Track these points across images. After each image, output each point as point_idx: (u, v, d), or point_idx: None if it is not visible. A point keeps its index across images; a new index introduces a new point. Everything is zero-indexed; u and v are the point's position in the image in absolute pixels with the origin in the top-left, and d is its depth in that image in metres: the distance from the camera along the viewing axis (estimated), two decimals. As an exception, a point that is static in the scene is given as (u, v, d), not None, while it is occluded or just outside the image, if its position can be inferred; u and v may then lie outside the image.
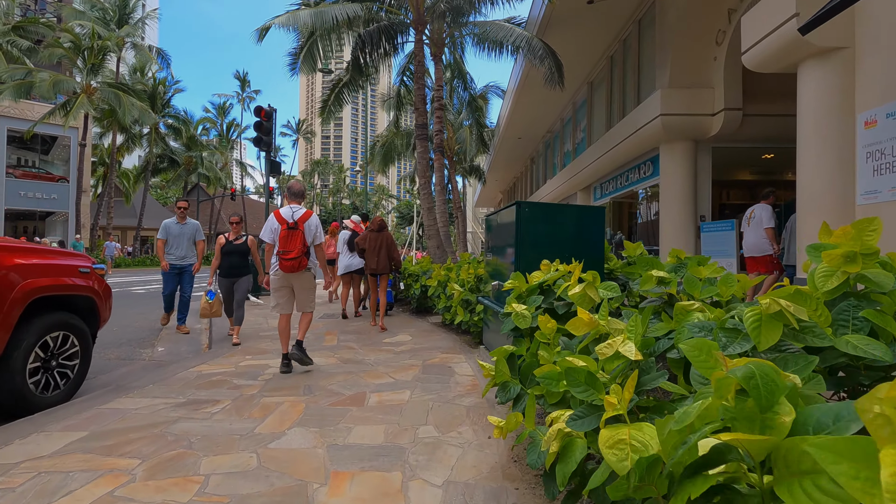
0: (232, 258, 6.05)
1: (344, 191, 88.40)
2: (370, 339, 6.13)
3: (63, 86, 24.16)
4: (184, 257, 6.73)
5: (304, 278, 4.49)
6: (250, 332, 6.50)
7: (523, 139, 21.60)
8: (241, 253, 6.08)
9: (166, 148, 33.03)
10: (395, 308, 9.05)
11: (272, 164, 11.37)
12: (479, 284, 5.69)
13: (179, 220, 6.74)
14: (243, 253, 6.10)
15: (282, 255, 4.30)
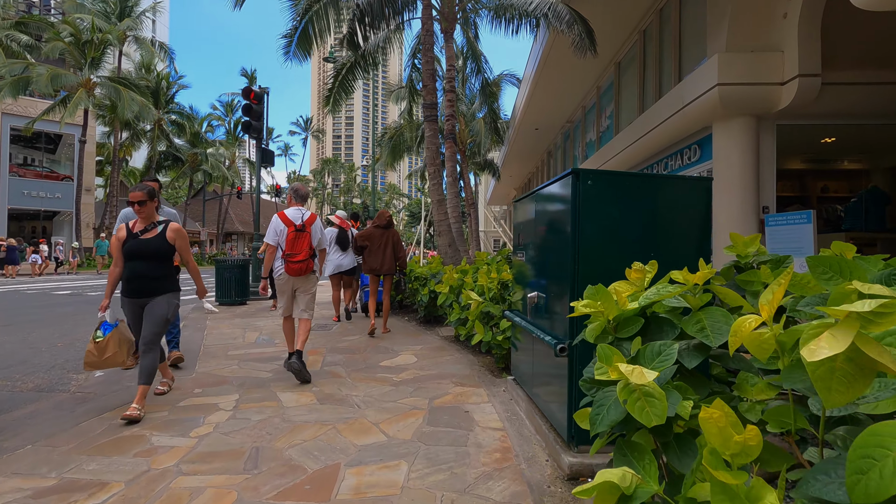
0: (137, 265, 3.48)
1: (355, 190, 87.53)
2: (364, 360, 4.83)
3: (61, 80, 23.34)
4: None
5: (308, 281, 4.38)
6: (217, 351, 5.25)
7: (541, 130, 20.17)
8: (155, 256, 3.54)
9: (170, 145, 32.19)
10: (399, 317, 7.78)
11: (264, 154, 10.16)
12: (503, 293, 4.36)
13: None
14: (159, 255, 3.56)
15: (288, 258, 4.21)
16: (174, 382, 3.95)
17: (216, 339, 5.85)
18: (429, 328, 6.75)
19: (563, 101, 16.88)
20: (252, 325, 6.82)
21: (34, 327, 6.91)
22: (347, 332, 6.34)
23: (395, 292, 8.01)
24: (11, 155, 33.29)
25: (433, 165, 9.00)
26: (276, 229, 4.28)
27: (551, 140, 21.90)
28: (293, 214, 4.34)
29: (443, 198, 9.19)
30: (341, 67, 11.78)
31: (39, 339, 6.10)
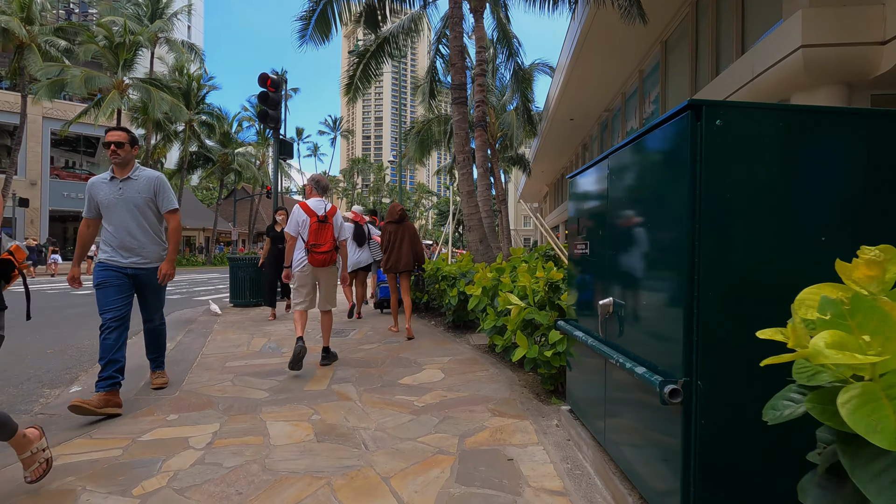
0: None
1: (384, 189, 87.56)
2: (381, 375, 4.03)
3: (95, 82, 23.62)
4: (135, 248, 3.36)
5: (331, 273, 4.38)
6: (214, 362, 4.55)
7: (576, 121, 19.04)
8: None
9: (201, 145, 32.45)
10: (425, 321, 6.97)
11: (282, 145, 9.54)
12: (552, 296, 3.47)
13: (117, 171, 3.34)
14: None
15: (313, 249, 4.16)
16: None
17: (218, 347, 5.17)
18: (458, 335, 5.91)
19: (601, 89, 15.74)
20: (261, 330, 6.13)
21: (32, 331, 6.42)
22: (365, 340, 5.56)
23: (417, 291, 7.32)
24: (53, 158, 34.32)
25: (462, 153, 8.15)
26: (297, 220, 4.21)
27: (587, 131, 20.70)
28: (315, 205, 4.28)
29: (472, 189, 8.33)
30: (364, 52, 11.08)
31: (31, 344, 5.57)
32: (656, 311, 1.72)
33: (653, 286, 1.75)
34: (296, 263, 4.27)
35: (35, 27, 24.13)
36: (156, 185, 3.45)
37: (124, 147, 3.32)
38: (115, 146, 3.29)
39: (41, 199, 30.86)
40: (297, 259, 4.27)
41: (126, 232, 3.33)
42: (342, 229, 4.45)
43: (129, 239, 3.34)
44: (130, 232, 3.34)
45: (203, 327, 6.40)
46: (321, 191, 4.53)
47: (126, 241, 3.34)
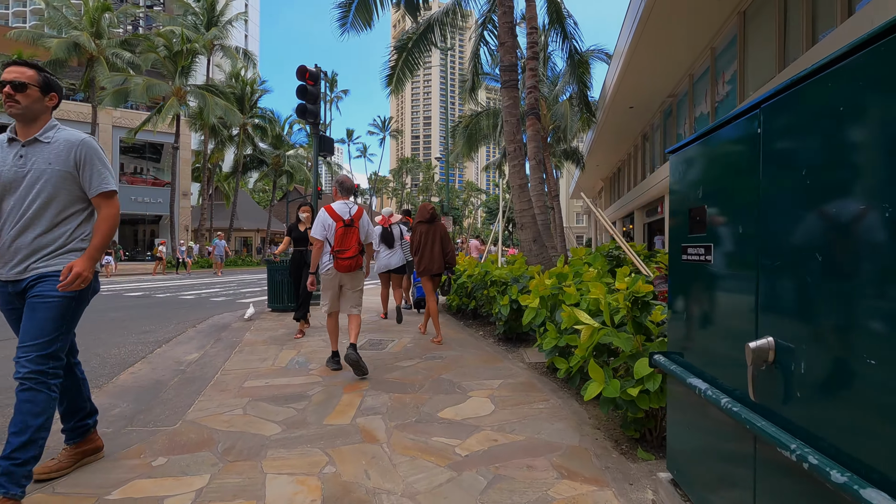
0: None
1: (433, 188, 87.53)
2: (417, 405, 3.33)
3: (156, 90, 24.60)
4: (30, 250, 2.14)
5: (356, 278, 4.28)
6: (232, 380, 4.01)
7: (636, 109, 17.63)
8: None
9: (255, 148, 33.30)
10: (472, 329, 6.23)
11: (322, 141, 9.09)
12: (638, 315, 2.63)
13: (19, 130, 2.16)
14: None
15: (337, 254, 4.08)
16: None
17: (242, 361, 4.67)
18: (510, 349, 5.13)
19: (665, 72, 14.35)
20: (293, 341, 5.61)
21: (68, 337, 6.23)
22: (404, 354, 4.89)
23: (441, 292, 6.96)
24: (123, 164, 36.46)
25: (513, 143, 7.33)
26: (323, 224, 4.13)
27: (647, 120, 19.19)
28: (340, 209, 4.17)
29: (525, 183, 7.49)
30: (406, 41, 10.47)
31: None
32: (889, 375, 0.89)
33: (881, 332, 0.92)
34: (322, 267, 4.19)
35: (103, 41, 25.44)
36: (79, 153, 2.18)
37: (26, 91, 2.10)
38: (10, 88, 2.08)
39: (111, 203, 32.73)
40: (323, 263, 4.18)
41: (19, 223, 2.12)
42: (369, 232, 4.35)
43: (21, 235, 2.13)
44: (27, 223, 2.13)
45: (234, 336, 5.97)
46: (346, 193, 4.40)
47: (16, 238, 2.13)
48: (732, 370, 1.45)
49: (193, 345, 5.71)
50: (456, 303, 7.14)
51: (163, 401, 3.55)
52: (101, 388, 4.08)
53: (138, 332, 6.61)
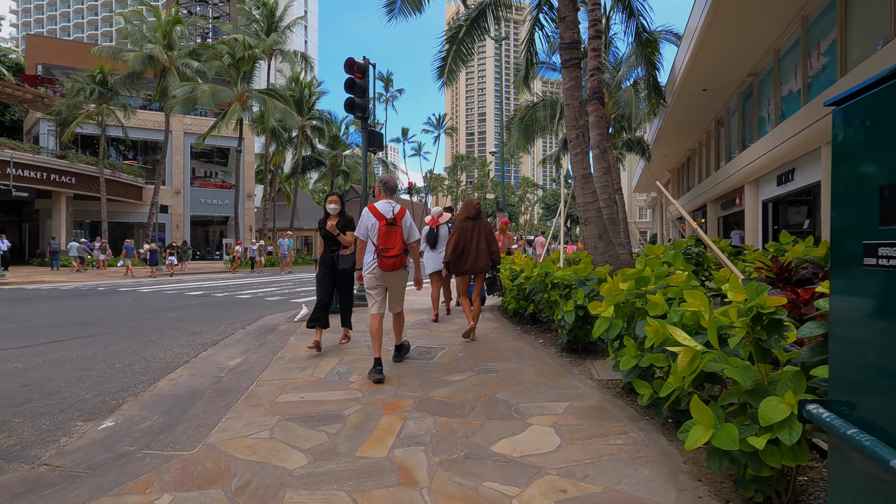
0: None
1: (488, 185, 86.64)
2: (467, 434, 2.81)
3: (220, 96, 25.67)
4: None
5: (401, 277, 4.24)
6: (266, 393, 3.67)
7: (710, 92, 16.12)
8: None
9: (313, 150, 34.13)
10: (531, 335, 5.63)
11: (371, 136, 8.77)
12: (766, 339, 1.95)
13: None
14: None
15: (382, 253, 4.05)
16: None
17: (281, 369, 4.35)
18: (575, 361, 4.48)
19: (745, 48, 12.91)
20: (336, 347, 5.26)
21: (118, 338, 6.27)
22: (454, 366, 4.38)
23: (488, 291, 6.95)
24: (194, 169, 38.61)
25: (575, 129, 6.62)
26: (366, 224, 4.14)
27: (723, 103, 17.54)
28: (383, 208, 4.15)
29: (588, 173, 6.75)
30: (457, 30, 9.95)
31: (106, 355, 5.28)
32: None
33: None
34: (366, 267, 4.18)
35: (174, 52, 26.88)
36: None
37: None
38: None
39: (184, 205, 34.70)
40: (366, 262, 4.18)
41: None
42: (412, 231, 4.28)
43: None
44: None
45: (279, 339, 5.72)
46: (389, 192, 4.36)
47: None
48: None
49: (238, 349, 5.52)
50: (512, 306, 6.55)
51: (190, 416, 3.26)
52: (138, 396, 3.89)
53: (189, 334, 6.55)
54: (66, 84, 26.13)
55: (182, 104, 25.01)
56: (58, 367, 4.72)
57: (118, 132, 27.48)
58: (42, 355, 5.21)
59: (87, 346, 5.75)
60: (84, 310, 9.05)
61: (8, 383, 4.20)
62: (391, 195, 4.38)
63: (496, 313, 7.60)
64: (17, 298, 11.34)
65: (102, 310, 9.10)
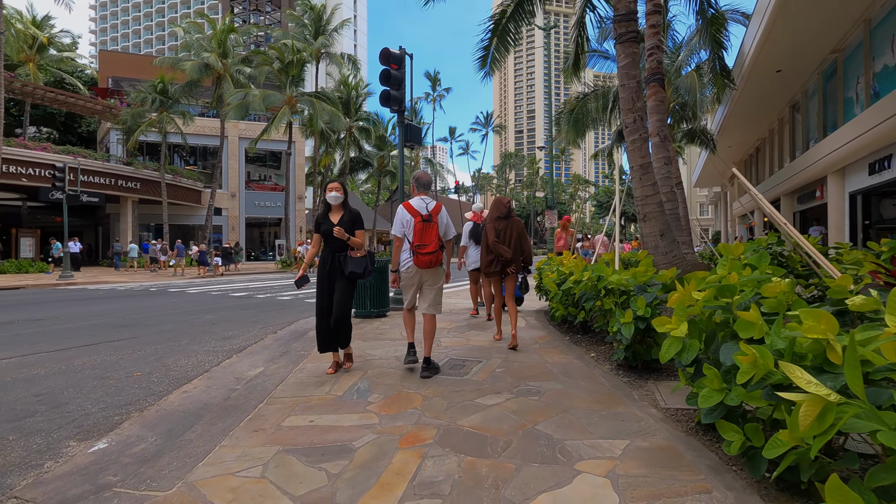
0: None
1: (537, 183, 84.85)
2: (498, 480, 2.23)
3: (271, 99, 26.26)
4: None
5: (437, 275, 4.18)
6: (274, 412, 3.25)
7: (784, 72, 14.54)
8: None
9: (360, 151, 34.39)
10: (580, 347, 4.94)
11: (408, 130, 8.31)
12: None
13: None
14: None
15: (417, 250, 4.00)
16: None
17: (297, 383, 3.94)
18: (635, 383, 3.78)
19: (827, 20, 11.42)
20: (364, 356, 4.81)
21: (149, 342, 6.13)
22: (490, 384, 3.79)
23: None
24: (250, 173, 40.00)
25: (632, 112, 5.84)
26: (402, 221, 4.09)
27: (798, 86, 15.82)
28: (418, 204, 4.13)
29: (647, 162, 5.95)
30: (500, 15, 9.32)
31: (131, 362, 5.09)
32: None
33: None
34: (402, 265, 4.13)
35: (229, 60, 27.80)
36: None
37: None
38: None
39: (239, 208, 35.99)
40: (402, 260, 4.13)
41: None
42: (448, 228, 4.20)
43: None
44: None
45: (304, 347, 5.36)
46: (423, 188, 4.27)
47: None
48: None
49: (263, 356, 5.19)
50: (560, 313, 5.87)
51: (184, 441, 2.87)
52: (144, 411, 3.58)
53: (219, 339, 6.34)
54: (131, 94, 27.61)
55: (235, 109, 25.76)
56: (77, 375, 4.55)
57: (178, 139, 28.77)
58: (69, 360, 5.10)
59: (116, 350, 5.63)
60: (128, 311, 9.18)
61: (22, 392, 4.04)
62: (426, 191, 4.27)
63: (542, 319, 6.92)
64: (75, 298, 11.80)
65: (146, 311, 9.19)
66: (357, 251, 4.11)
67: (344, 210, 4.17)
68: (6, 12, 27.51)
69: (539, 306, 8.22)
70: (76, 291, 13.73)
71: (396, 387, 3.76)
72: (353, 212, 4.20)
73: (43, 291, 13.75)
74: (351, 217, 4.14)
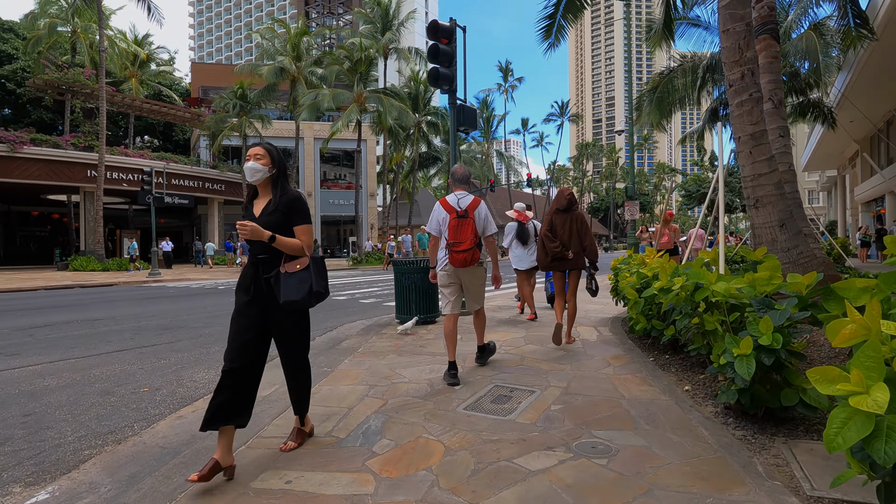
0: None
1: (617, 174, 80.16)
2: None
3: (341, 98, 26.52)
4: None
5: (475, 273, 3.98)
6: (260, 461, 2.51)
7: (935, 22, 11.70)
8: None
9: (429, 146, 33.98)
10: (668, 379, 3.77)
11: (462, 112, 7.39)
12: None
13: None
14: None
15: (452, 248, 3.82)
16: None
17: (293, 419, 3.20)
18: (754, 439, 2.60)
19: None
20: (393, 378, 3.99)
21: (180, 348, 5.77)
22: (538, 434, 2.79)
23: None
24: (325, 172, 41.23)
25: (738, 66, 4.48)
26: (437, 218, 3.95)
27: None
28: (454, 200, 3.94)
29: (760, 131, 4.55)
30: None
31: (149, 372, 4.68)
32: None
33: None
34: (438, 263, 4.00)
35: (302, 63, 28.52)
36: None
37: None
38: None
39: (315, 207, 37.14)
40: (439, 259, 3.99)
41: None
42: (488, 224, 3.96)
43: None
44: None
45: (330, 363, 4.64)
46: (460, 183, 4.10)
47: None
48: None
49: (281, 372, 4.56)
50: (641, 326, 4.67)
51: (138, 498, 2.20)
52: (122, 443, 3.04)
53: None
54: (214, 101, 29.22)
55: (308, 110, 26.29)
56: (84, 389, 4.17)
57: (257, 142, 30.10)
58: (88, 369, 4.79)
59: (142, 357, 5.29)
60: (182, 311, 9.15)
61: (15, 410, 3.67)
62: (463, 186, 4.08)
63: (619, 331, 5.72)
64: (145, 297, 12.24)
65: (198, 311, 9.11)
66: (296, 263, 2.47)
67: (273, 193, 2.56)
68: (110, 33, 30.27)
69: (616, 312, 6.97)
70: (153, 289, 14.39)
71: (416, 428, 2.89)
72: (289, 196, 2.54)
73: (128, 289, 14.56)
74: (287, 203, 2.52)
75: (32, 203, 32.08)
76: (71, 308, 9.79)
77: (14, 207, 33.66)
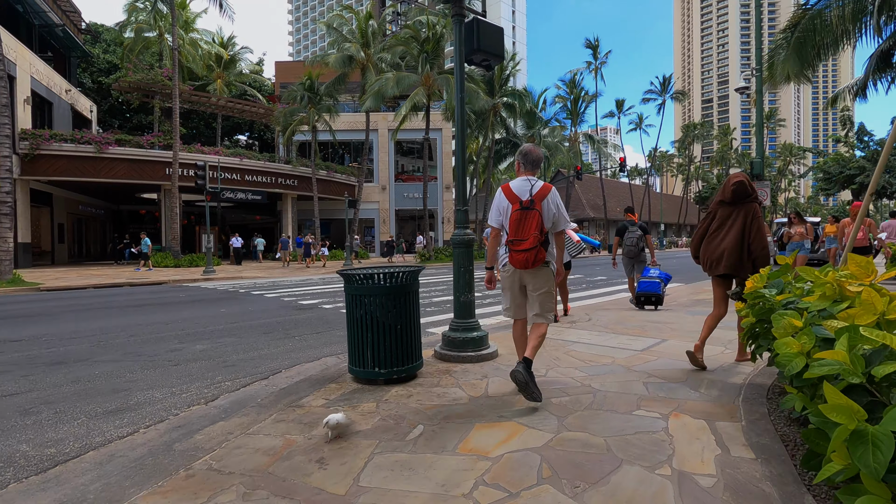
0: None
1: (731, 159, 70.44)
2: None
3: (405, 81, 24.63)
4: None
5: (540, 276, 3.33)
6: None
7: None
8: None
9: (507, 131, 31.04)
10: None
11: (477, 30, 4.67)
12: None
13: None
14: None
15: (511, 246, 3.25)
16: None
17: None
18: None
19: None
20: None
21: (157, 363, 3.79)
22: None
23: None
24: (403, 165, 40.01)
25: None
26: (499, 207, 3.36)
27: None
28: (519, 187, 3.30)
29: None
30: None
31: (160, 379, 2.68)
32: None
33: None
34: (499, 261, 3.44)
35: (371, 49, 27.10)
36: None
37: None
38: None
39: (389, 201, 35.97)
40: (499, 256, 3.43)
41: None
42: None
43: None
44: None
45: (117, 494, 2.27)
46: (531, 166, 3.41)
47: None
48: None
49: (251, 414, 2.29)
50: (802, 405, 1.73)
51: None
52: None
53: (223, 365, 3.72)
54: (284, 94, 28.85)
55: (373, 98, 24.76)
56: None
57: (328, 136, 29.36)
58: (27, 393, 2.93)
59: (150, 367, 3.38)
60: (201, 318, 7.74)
61: None
62: (533, 170, 3.40)
63: (759, 415, 2.72)
64: (179, 301, 11.07)
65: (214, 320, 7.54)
66: None
67: None
68: (195, 36, 31.23)
69: (748, 369, 3.88)
70: (193, 290, 13.43)
71: None
72: None
73: (173, 289, 13.77)
74: None
75: (130, 202, 34.40)
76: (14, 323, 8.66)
77: (123, 207, 36.56)
